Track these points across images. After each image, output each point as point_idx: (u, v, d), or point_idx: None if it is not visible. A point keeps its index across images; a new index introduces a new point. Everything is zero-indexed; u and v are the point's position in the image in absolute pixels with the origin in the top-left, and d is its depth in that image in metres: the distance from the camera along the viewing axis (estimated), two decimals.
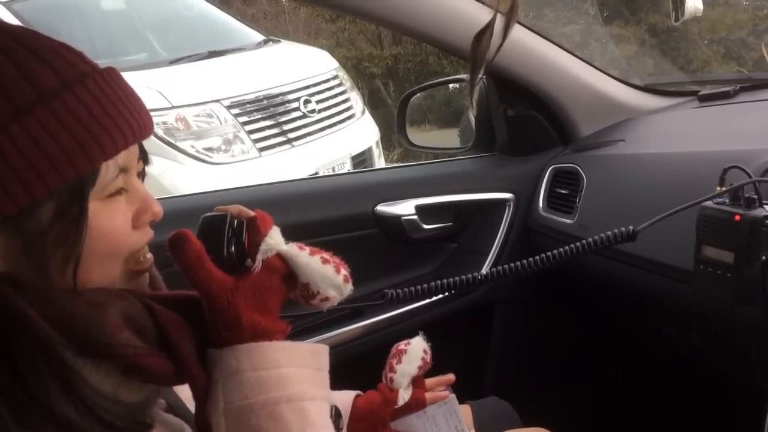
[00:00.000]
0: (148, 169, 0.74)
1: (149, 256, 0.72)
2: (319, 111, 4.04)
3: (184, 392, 0.76)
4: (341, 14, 6.43)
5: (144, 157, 0.71)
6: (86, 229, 0.63)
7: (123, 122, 0.64)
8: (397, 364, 1.04)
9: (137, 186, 0.70)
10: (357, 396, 1.05)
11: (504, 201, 1.67)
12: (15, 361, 0.59)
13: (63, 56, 0.64)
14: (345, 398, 1.03)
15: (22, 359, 0.59)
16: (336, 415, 0.76)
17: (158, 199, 0.73)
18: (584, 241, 1.11)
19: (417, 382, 1.06)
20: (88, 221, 0.63)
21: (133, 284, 0.71)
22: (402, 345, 1.07)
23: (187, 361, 0.68)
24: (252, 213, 0.76)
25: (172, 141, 3.47)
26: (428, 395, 1.08)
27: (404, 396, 1.03)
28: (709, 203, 1.03)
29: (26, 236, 0.61)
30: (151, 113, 0.70)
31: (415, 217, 1.58)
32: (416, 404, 1.05)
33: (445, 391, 1.10)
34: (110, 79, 0.66)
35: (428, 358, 1.05)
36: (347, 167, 3.98)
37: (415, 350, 1.05)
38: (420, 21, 1.41)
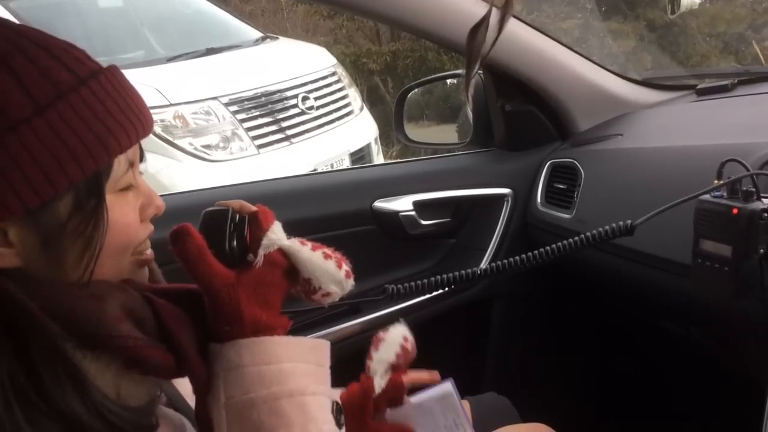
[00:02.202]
0: (146, 166, 0.75)
1: (150, 250, 0.73)
2: (318, 108, 4.03)
3: (184, 386, 0.77)
4: (339, 11, 6.42)
5: (140, 154, 0.72)
6: (107, 221, 0.64)
7: (133, 117, 0.66)
8: (374, 351, 0.98)
9: (141, 180, 0.71)
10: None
11: (502, 196, 1.67)
12: (31, 360, 0.60)
13: (71, 53, 0.65)
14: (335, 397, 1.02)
15: (38, 359, 0.60)
16: (337, 410, 0.76)
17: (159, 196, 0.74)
18: (582, 235, 1.11)
19: (396, 369, 0.98)
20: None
21: (137, 276, 0.72)
22: (381, 333, 1.00)
23: (187, 354, 0.68)
24: (254, 208, 0.76)
25: (171, 139, 3.46)
26: (409, 377, 1.00)
27: (380, 383, 0.96)
28: (706, 197, 1.03)
29: (45, 230, 0.62)
30: (150, 111, 0.71)
31: (413, 213, 1.58)
32: (394, 389, 0.97)
33: (445, 383, 1.07)
34: (117, 76, 0.68)
35: (409, 345, 0.99)
36: (345, 164, 3.97)
37: (393, 337, 0.98)
38: (416, 16, 1.41)
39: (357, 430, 0.94)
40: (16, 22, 0.71)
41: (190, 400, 0.76)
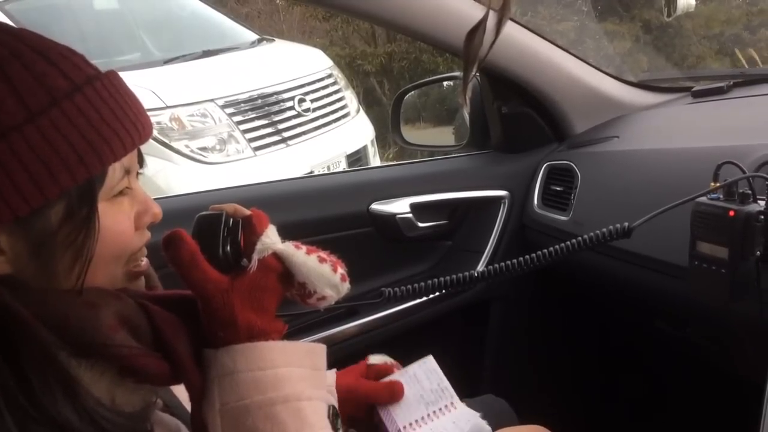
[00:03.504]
0: (142, 169, 0.74)
1: (145, 260, 0.73)
2: (314, 110, 4.03)
3: (181, 392, 0.76)
4: (335, 12, 6.42)
5: (140, 159, 0.72)
6: (98, 230, 0.64)
7: (129, 124, 0.66)
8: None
9: (138, 187, 0.71)
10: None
11: (499, 198, 1.67)
12: (21, 367, 0.59)
13: (69, 59, 0.65)
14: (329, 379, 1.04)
15: (29, 366, 0.59)
16: (333, 414, 0.76)
17: (154, 199, 0.73)
18: (579, 238, 1.11)
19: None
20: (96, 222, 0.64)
21: (132, 286, 0.71)
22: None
23: (182, 361, 0.68)
24: (248, 212, 0.76)
25: (167, 141, 3.46)
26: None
27: (375, 362, 1.08)
28: (703, 199, 1.03)
29: (35, 238, 0.62)
30: (149, 117, 0.71)
31: (410, 215, 1.57)
32: (385, 369, 1.08)
33: (427, 357, 1.12)
34: (115, 82, 0.67)
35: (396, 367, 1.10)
36: (342, 166, 3.97)
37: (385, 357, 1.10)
38: (413, 19, 1.41)
39: (351, 385, 0.99)
40: (11, 24, 0.70)
41: (188, 405, 0.75)
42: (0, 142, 0.59)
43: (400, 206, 1.57)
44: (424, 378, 1.07)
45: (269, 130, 3.80)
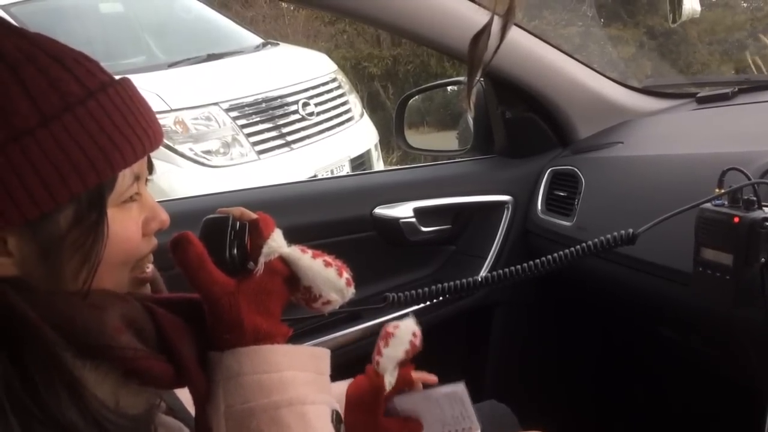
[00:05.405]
0: (151, 176, 0.74)
1: (151, 266, 0.73)
2: (318, 114, 4.04)
3: (184, 395, 0.76)
4: (340, 17, 6.43)
5: (150, 166, 0.72)
6: (106, 234, 0.64)
7: (141, 131, 0.66)
8: (384, 347, 0.96)
9: (146, 194, 0.71)
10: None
11: (502, 203, 1.67)
12: (26, 367, 0.59)
13: (84, 65, 0.65)
14: (339, 390, 1.01)
15: (34, 366, 0.60)
16: (337, 419, 0.76)
17: (159, 202, 0.73)
18: (583, 244, 1.11)
19: (404, 364, 0.98)
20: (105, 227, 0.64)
21: (137, 291, 0.71)
22: (391, 327, 0.98)
23: (187, 364, 0.68)
24: (254, 215, 0.76)
25: (171, 144, 3.47)
26: (415, 376, 1.01)
27: (390, 380, 0.96)
28: (708, 205, 1.03)
29: (44, 241, 0.62)
30: (160, 125, 0.71)
31: (414, 219, 1.57)
32: (405, 384, 0.98)
33: (458, 383, 1.06)
34: (128, 89, 0.67)
35: (417, 341, 0.98)
36: (346, 170, 3.98)
37: (404, 333, 0.97)
38: (417, 23, 1.41)
39: (367, 426, 0.94)
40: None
41: (191, 407, 0.76)
42: (12, 144, 0.59)
43: (403, 210, 1.57)
44: (447, 405, 1.04)
45: (273, 133, 3.81)
